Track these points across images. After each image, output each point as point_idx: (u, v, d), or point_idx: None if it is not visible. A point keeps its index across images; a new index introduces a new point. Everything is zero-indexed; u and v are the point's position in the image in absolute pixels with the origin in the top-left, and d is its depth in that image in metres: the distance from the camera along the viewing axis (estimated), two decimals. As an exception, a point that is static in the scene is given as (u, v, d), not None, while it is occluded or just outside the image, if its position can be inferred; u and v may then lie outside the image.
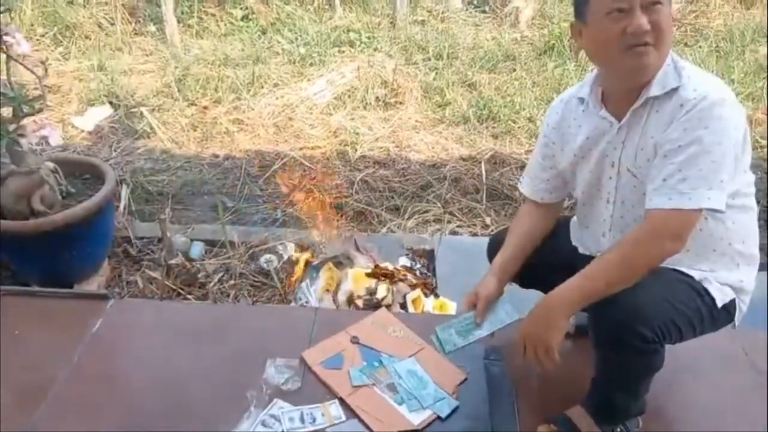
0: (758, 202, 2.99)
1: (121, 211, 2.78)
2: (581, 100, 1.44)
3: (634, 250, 1.26)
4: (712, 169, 1.20)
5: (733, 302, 1.36)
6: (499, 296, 1.59)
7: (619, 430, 1.46)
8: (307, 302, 2.09)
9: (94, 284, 2.23)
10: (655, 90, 1.28)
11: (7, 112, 2.01)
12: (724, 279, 1.35)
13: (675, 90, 1.26)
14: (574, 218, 1.63)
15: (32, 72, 2.03)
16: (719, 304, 1.32)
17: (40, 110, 2.05)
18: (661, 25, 1.22)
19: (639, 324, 1.22)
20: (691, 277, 1.32)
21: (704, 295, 1.31)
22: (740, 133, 1.25)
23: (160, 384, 1.64)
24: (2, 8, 1.94)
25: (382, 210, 2.94)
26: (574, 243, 1.61)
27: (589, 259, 1.50)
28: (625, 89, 1.34)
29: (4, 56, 1.94)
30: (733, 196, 1.29)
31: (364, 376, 1.64)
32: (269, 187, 3.12)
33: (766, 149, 3.47)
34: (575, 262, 1.53)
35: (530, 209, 1.62)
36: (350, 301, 2.03)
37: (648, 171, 1.30)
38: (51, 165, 2.17)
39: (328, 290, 2.07)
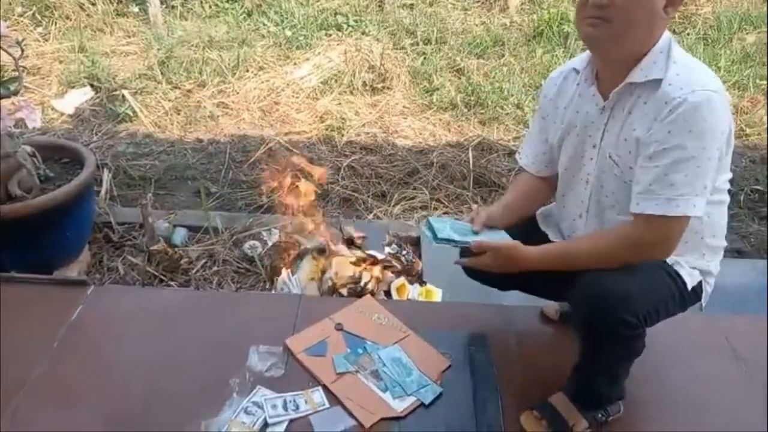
0: (742, 190, 3.03)
1: (102, 196, 2.73)
2: (577, 71, 1.42)
3: (623, 252, 1.28)
4: (696, 175, 1.20)
5: (700, 284, 1.38)
6: (501, 226, 1.50)
7: (600, 415, 1.48)
8: (289, 292, 2.07)
9: (74, 270, 2.20)
10: (637, 76, 1.26)
11: (-19, 94, 1.95)
12: (693, 263, 1.37)
13: (659, 82, 1.23)
14: (541, 210, 1.63)
15: (8, 53, 1.97)
16: (689, 287, 1.35)
17: (17, 92, 1.99)
18: (621, 3, 1.18)
19: (623, 311, 1.23)
20: (664, 261, 1.34)
21: (676, 278, 1.33)
22: (725, 135, 1.23)
23: (142, 372, 1.63)
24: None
25: (368, 196, 2.92)
26: (542, 227, 1.60)
27: None
28: (601, 64, 1.33)
29: (-23, 36, 1.88)
30: (711, 192, 1.29)
31: (348, 363, 1.64)
32: (254, 172, 3.08)
33: (765, 136, 3.50)
34: None
35: (527, 178, 1.60)
36: (334, 288, 2.02)
37: (629, 162, 1.29)
38: (29, 149, 2.12)
39: (312, 279, 2.06)
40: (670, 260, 1.34)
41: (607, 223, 1.39)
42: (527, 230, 1.53)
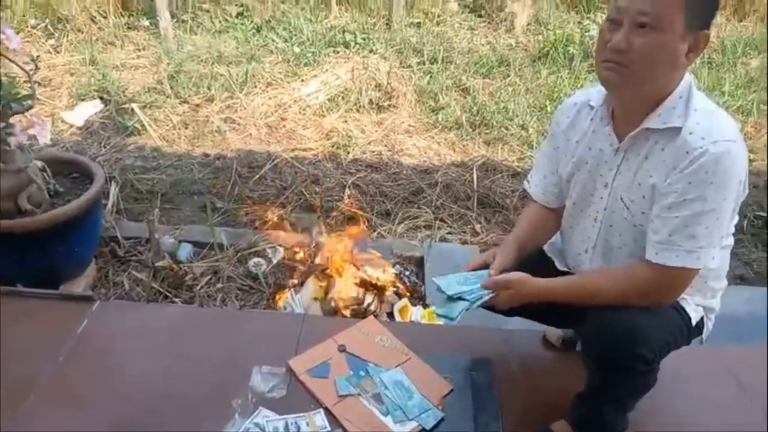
0: (745, 216, 3.03)
1: (109, 210, 2.75)
2: (592, 107, 1.40)
3: (634, 296, 1.28)
4: (716, 227, 1.21)
5: (702, 319, 1.40)
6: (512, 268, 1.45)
7: (602, 445, 1.48)
8: (292, 311, 2.08)
9: (80, 285, 2.21)
10: (655, 122, 1.25)
11: (-5, 109, 1.98)
12: (697, 301, 1.38)
13: (678, 129, 1.21)
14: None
15: (23, 69, 2.01)
16: (693, 322, 1.36)
17: (30, 108, 2.02)
18: (640, 49, 1.16)
19: (641, 347, 1.24)
20: None
21: (683, 313, 1.34)
22: (742, 185, 1.23)
23: (144, 389, 1.64)
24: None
25: (372, 215, 2.94)
26: (549, 254, 1.61)
27: (566, 275, 1.50)
28: (617, 105, 1.33)
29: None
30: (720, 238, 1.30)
31: (350, 385, 1.64)
32: (260, 188, 3.11)
33: (766, 161, 3.51)
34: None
35: (536, 209, 1.58)
36: (337, 309, 2.03)
37: (641, 207, 1.29)
38: (39, 163, 2.14)
39: (315, 299, 2.07)
40: None
41: (613, 261, 1.40)
42: (535, 258, 1.55)
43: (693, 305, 1.36)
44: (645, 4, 1.15)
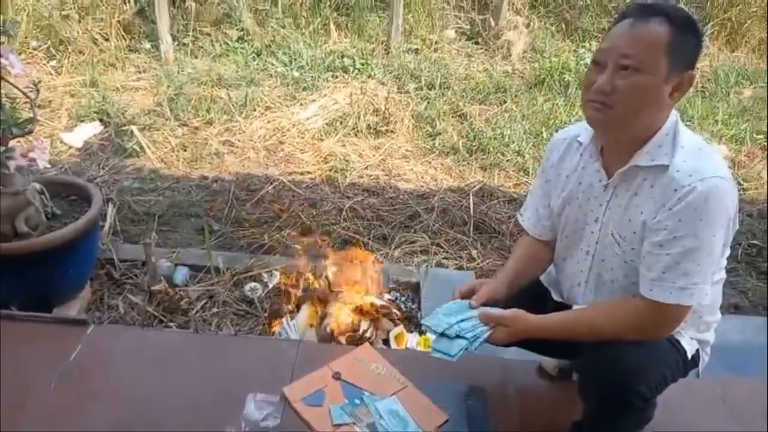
0: (739, 244, 3.04)
1: (106, 231, 2.75)
2: (581, 143, 1.42)
3: (629, 333, 1.28)
4: (708, 263, 1.22)
5: (698, 352, 1.40)
6: (505, 297, 1.47)
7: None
8: (287, 337, 2.07)
9: (74, 307, 2.20)
10: (643, 160, 1.26)
11: (-4, 133, 1.99)
12: (691, 334, 1.39)
13: (666, 167, 1.23)
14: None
15: (25, 95, 2.03)
16: (689, 356, 1.37)
17: (30, 132, 2.04)
18: (624, 90, 1.18)
19: (639, 384, 1.25)
20: None
21: (679, 347, 1.35)
22: (732, 220, 1.25)
23: (137, 416, 1.62)
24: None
25: (369, 239, 2.95)
26: (545, 284, 1.62)
27: (562, 306, 1.51)
28: (605, 143, 1.35)
29: (-4, 78, 1.94)
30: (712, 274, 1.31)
31: (345, 414, 1.63)
32: (257, 211, 3.12)
33: (763, 191, 3.54)
34: (549, 309, 1.52)
35: (530, 242, 1.59)
36: (333, 336, 2.02)
37: (632, 243, 1.30)
38: (38, 186, 2.15)
39: (311, 325, 2.06)
40: None
41: (606, 294, 1.41)
42: (531, 289, 1.56)
43: (688, 338, 1.37)
44: (627, 47, 1.18)
